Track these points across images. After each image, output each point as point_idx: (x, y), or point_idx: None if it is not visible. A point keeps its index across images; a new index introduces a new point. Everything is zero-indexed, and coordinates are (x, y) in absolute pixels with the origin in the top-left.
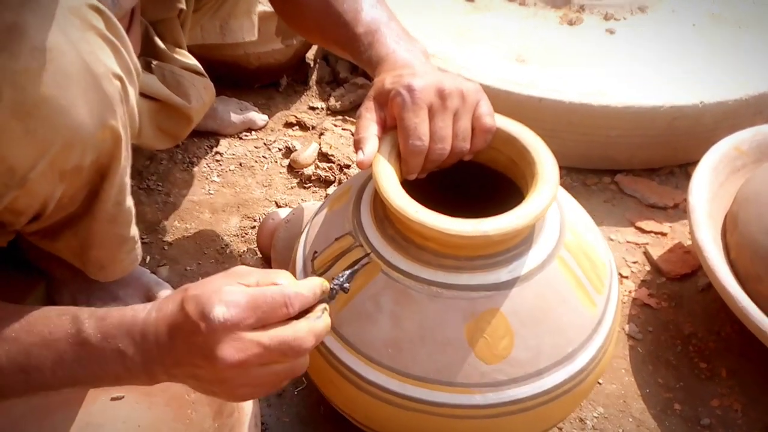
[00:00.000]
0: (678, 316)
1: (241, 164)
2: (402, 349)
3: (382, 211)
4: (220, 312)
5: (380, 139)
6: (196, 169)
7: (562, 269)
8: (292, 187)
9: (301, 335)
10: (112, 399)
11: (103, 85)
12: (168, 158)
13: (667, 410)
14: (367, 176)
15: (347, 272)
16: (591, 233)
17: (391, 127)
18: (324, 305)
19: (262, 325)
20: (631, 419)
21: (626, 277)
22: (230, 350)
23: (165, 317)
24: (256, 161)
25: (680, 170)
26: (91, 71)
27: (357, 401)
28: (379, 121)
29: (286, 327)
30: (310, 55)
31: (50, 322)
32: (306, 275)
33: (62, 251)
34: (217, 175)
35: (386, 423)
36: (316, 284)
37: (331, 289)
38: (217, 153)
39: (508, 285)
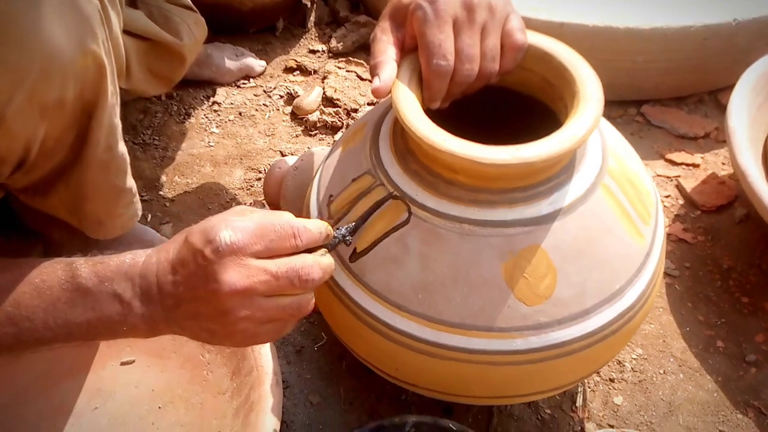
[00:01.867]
0: (716, 250)
1: (240, 113)
2: (433, 293)
3: (404, 144)
4: (226, 235)
5: (399, 63)
6: (193, 120)
7: (607, 198)
8: (297, 135)
9: (309, 264)
10: (122, 363)
11: (80, 3)
12: (163, 111)
13: (709, 348)
14: (384, 109)
15: (353, 224)
16: (633, 160)
17: (410, 50)
18: (324, 249)
19: (269, 254)
20: (672, 359)
21: None
22: (235, 275)
23: (167, 256)
24: (256, 110)
25: (709, 98)
26: None
27: (386, 352)
28: (397, 42)
29: (294, 257)
30: None
31: (42, 271)
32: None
33: (56, 208)
34: (216, 126)
35: (419, 374)
36: (321, 225)
37: (334, 237)
38: (214, 103)
39: (549, 218)
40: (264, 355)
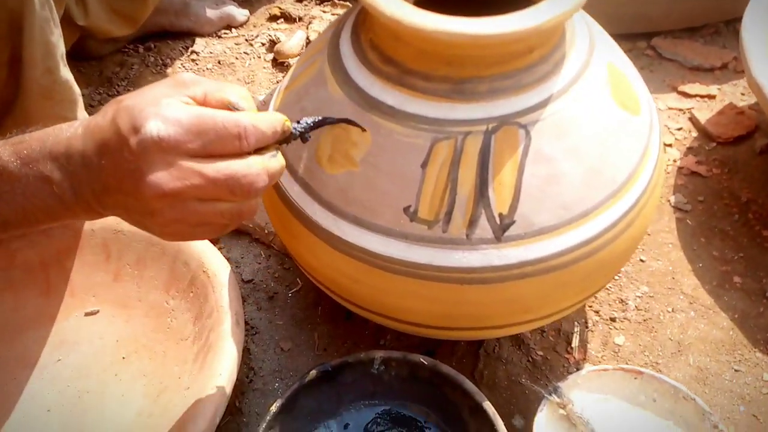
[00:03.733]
0: (733, 183)
1: (219, 62)
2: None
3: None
4: (154, 127)
5: None
6: (169, 70)
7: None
8: (277, 82)
9: (254, 171)
10: (86, 314)
11: None
12: (140, 62)
13: (725, 284)
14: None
15: (313, 119)
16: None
17: None
18: (277, 146)
19: (208, 154)
20: (682, 296)
21: (669, 145)
22: (163, 176)
23: (93, 133)
24: (236, 58)
25: (726, 28)
26: None
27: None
28: None
29: (236, 160)
30: None
31: None
32: None
33: None
34: None
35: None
36: (277, 121)
37: (292, 132)
38: (193, 53)
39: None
40: (224, 296)
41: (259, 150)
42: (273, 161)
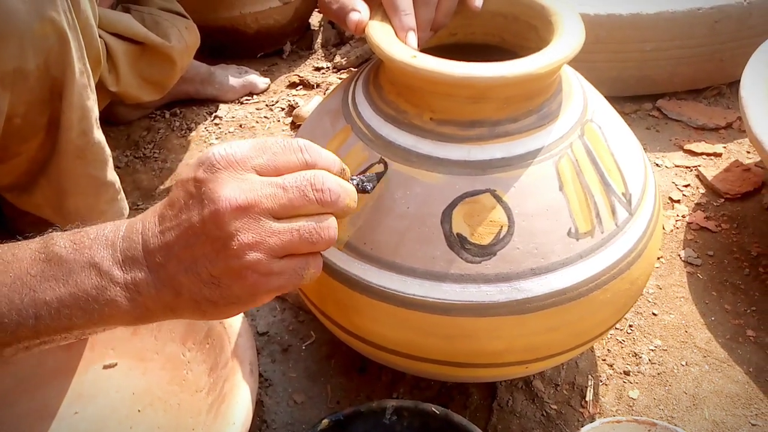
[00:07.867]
0: (742, 238)
1: (241, 126)
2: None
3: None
4: (221, 149)
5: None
6: (194, 134)
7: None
8: None
9: (322, 174)
10: (105, 367)
11: None
12: (165, 126)
13: (738, 338)
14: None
15: (372, 174)
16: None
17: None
18: None
19: (275, 170)
20: (695, 350)
21: (677, 201)
22: (235, 189)
23: (155, 211)
24: (257, 122)
25: (729, 90)
26: None
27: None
28: None
29: (305, 171)
30: (315, 21)
31: (16, 246)
32: None
33: (42, 207)
34: (216, 138)
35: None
36: (335, 158)
37: (351, 178)
38: (216, 117)
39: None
40: (240, 345)
41: None
42: (346, 183)
